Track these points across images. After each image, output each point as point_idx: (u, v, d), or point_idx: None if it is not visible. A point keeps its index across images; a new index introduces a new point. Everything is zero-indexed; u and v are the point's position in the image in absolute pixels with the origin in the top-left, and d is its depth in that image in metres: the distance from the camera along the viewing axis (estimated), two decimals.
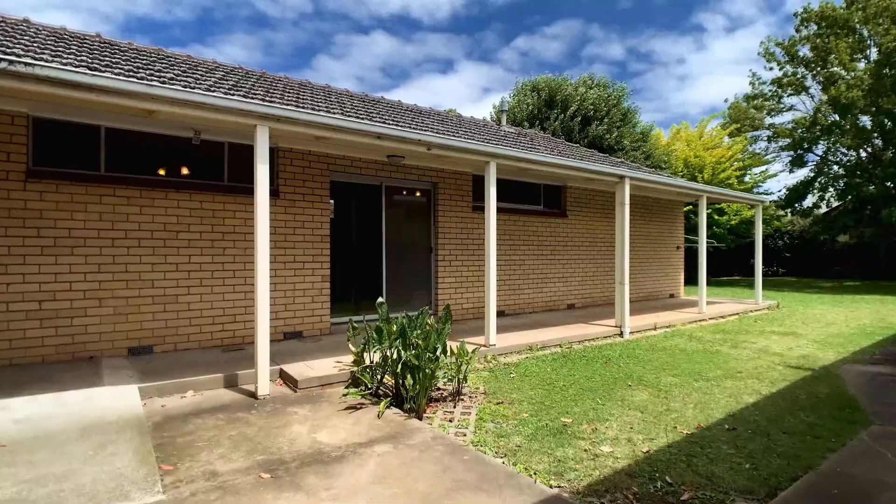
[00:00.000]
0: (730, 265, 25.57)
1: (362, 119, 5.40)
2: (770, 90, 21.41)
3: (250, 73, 8.45)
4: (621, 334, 8.18)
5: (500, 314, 9.47)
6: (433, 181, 8.61)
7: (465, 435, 3.96)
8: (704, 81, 74.18)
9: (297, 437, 3.81)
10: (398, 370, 4.60)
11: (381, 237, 8.09)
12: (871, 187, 18.88)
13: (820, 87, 19.96)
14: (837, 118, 19.82)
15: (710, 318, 10.23)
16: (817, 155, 22.62)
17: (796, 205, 22.67)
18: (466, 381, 5.12)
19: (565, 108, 20.50)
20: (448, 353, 5.00)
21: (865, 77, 17.50)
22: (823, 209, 23.68)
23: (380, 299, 5.08)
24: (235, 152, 6.72)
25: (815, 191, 22.28)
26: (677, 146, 22.86)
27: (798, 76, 20.17)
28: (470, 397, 4.96)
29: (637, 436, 3.92)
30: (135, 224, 5.97)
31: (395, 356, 4.72)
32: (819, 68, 19.77)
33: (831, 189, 22.21)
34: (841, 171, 21.47)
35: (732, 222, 20.85)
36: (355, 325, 5.12)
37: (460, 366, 4.99)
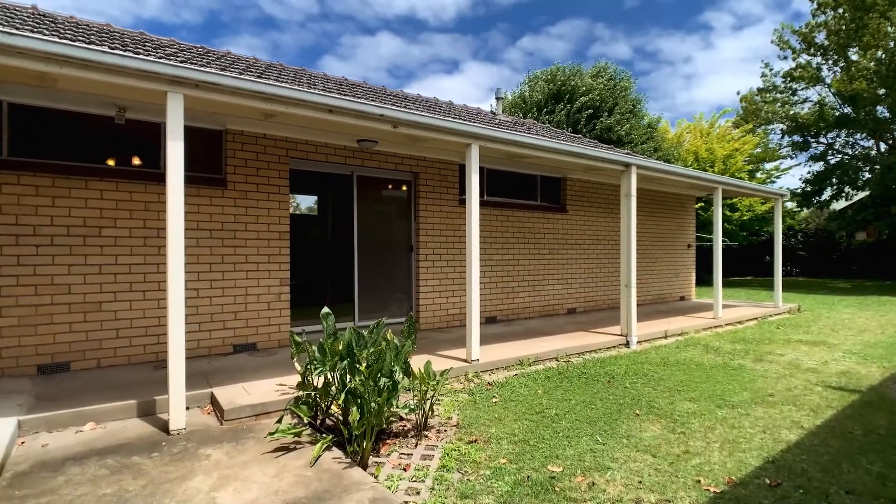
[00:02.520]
0: (742, 264, 24.39)
1: (312, 90, 4.43)
2: (783, 83, 20.22)
3: (212, 51, 7.49)
4: (627, 344, 7.16)
5: (491, 320, 8.47)
6: (414, 171, 7.61)
7: (418, 493, 2.97)
8: (711, 80, 72.91)
9: (191, 499, 2.83)
10: (342, 401, 3.61)
11: (353, 234, 7.11)
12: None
13: (838, 76, 18.78)
14: (849, 111, 18.68)
15: (727, 324, 9.18)
16: (835, 149, 21.44)
17: (815, 199, 21.44)
18: (433, 411, 4.12)
19: (572, 99, 19.45)
20: (412, 376, 4.01)
21: (881, 68, 16.38)
22: (843, 203, 22.46)
23: (325, 309, 4.09)
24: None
25: (833, 184, 21.07)
26: (687, 138, 21.74)
27: (814, 65, 18.98)
28: (438, 432, 3.97)
29: (648, 495, 2.91)
30: (46, 218, 5.01)
31: (339, 382, 3.73)
32: (837, 56, 18.61)
33: (848, 185, 21.00)
34: (859, 164, 20.29)
35: (745, 218, 19.69)
36: (297, 339, 4.14)
37: (425, 393, 4.00)
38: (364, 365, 3.69)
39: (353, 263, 7.08)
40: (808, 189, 21.50)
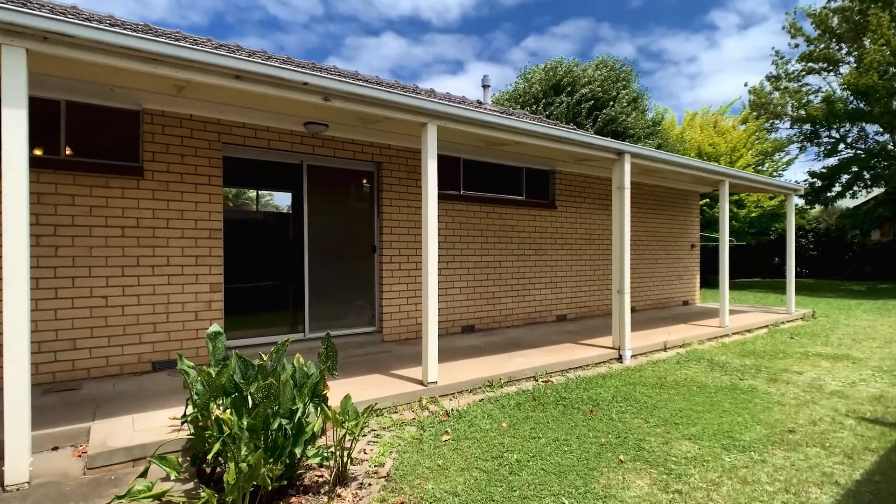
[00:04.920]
0: (749, 265, 23.31)
1: (209, 50, 3.52)
2: (800, 67, 19.08)
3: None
4: (620, 359, 6.22)
5: (468, 330, 7.55)
6: (376, 160, 6.69)
7: None
8: (716, 80, 71.73)
9: None
10: (213, 454, 2.70)
11: (303, 232, 6.19)
12: None
13: (852, 66, 17.68)
14: (863, 104, 17.58)
15: (735, 333, 8.21)
16: (846, 143, 20.32)
17: (824, 194, 20.31)
18: (350, 461, 3.19)
19: (572, 91, 18.48)
20: (324, 416, 3.08)
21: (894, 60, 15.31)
22: (855, 200, 21.34)
23: (213, 327, 3.17)
24: (78, 115, 4.87)
25: (845, 180, 19.95)
26: (689, 134, 20.69)
27: (831, 50, 17.83)
28: (360, 486, 3.06)
29: None
30: None
31: (216, 426, 2.82)
32: (851, 46, 17.50)
33: (860, 180, 19.87)
34: (874, 160, 19.19)
35: (753, 215, 18.63)
36: (186, 365, 3.21)
37: (342, 437, 3.08)
38: (259, 397, 2.78)
39: (302, 265, 6.17)
40: (818, 184, 20.41)
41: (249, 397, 2.86)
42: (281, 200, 6.51)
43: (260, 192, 6.41)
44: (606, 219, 9.47)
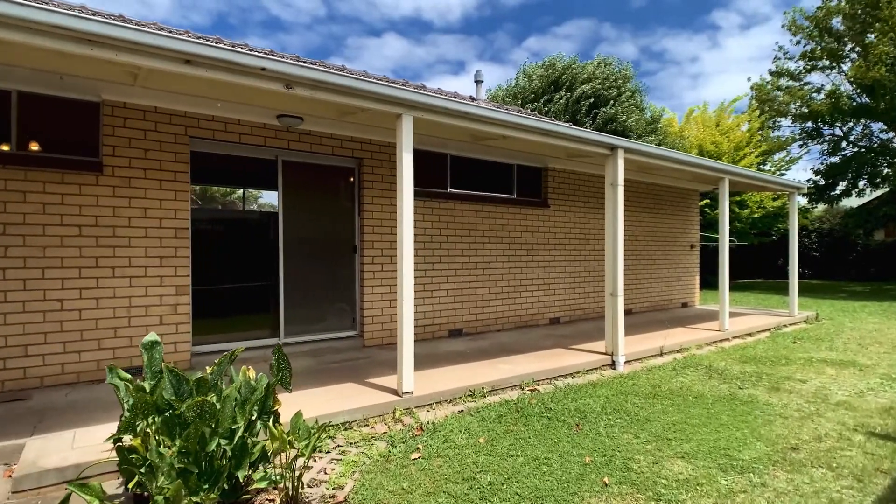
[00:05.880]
0: (751, 265, 22.93)
1: (158, 31, 3.21)
2: (803, 64, 18.70)
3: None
4: (613, 365, 5.90)
5: (455, 333, 7.23)
6: (357, 156, 6.38)
7: None
8: (719, 80, 71.30)
9: None
10: (133, 484, 2.39)
11: (278, 231, 5.87)
12: None
13: (855, 62, 17.28)
14: (867, 100, 17.20)
15: (735, 337, 7.87)
16: (850, 140, 19.94)
17: (827, 193, 19.93)
18: (302, 485, 2.87)
19: (572, 88, 18.12)
20: (271, 436, 2.76)
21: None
22: (858, 200, 20.94)
23: (150, 336, 2.86)
24: (32, 107, 4.57)
25: (848, 178, 19.57)
26: (690, 132, 20.30)
27: (832, 47, 17.44)
28: None
29: None
30: None
31: (143, 449, 2.50)
32: (853, 43, 17.11)
33: (864, 178, 19.47)
34: (878, 158, 18.80)
35: (755, 216, 18.23)
36: (119, 377, 2.90)
37: (293, 459, 2.76)
38: (192, 416, 2.46)
39: (277, 266, 5.85)
40: (822, 182, 20.02)
41: (185, 416, 2.54)
42: (255, 198, 6.20)
43: (234, 190, 6.10)
44: (602, 218, 9.12)
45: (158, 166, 5.02)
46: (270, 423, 2.77)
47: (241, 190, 6.12)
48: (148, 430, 2.53)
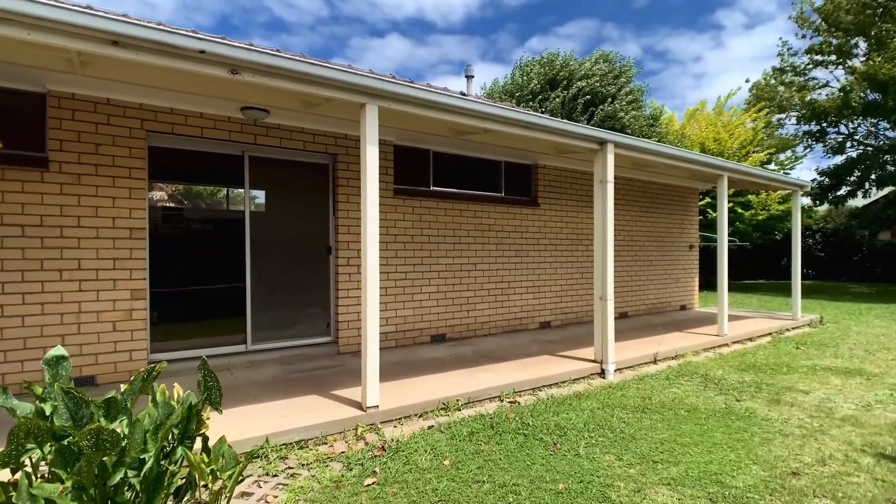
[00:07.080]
0: (753, 266, 22.46)
1: (74, 7, 2.88)
2: (807, 60, 18.24)
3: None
4: (603, 373, 5.53)
5: (438, 339, 6.87)
6: (331, 152, 6.03)
7: None
8: (722, 80, 70.67)
9: None
10: None
11: (244, 231, 5.53)
12: None
13: (866, 58, 16.80)
14: (877, 97, 16.74)
15: (734, 342, 7.49)
16: (855, 140, 19.48)
17: (832, 193, 19.46)
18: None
19: (569, 85, 17.73)
20: (191, 464, 2.42)
21: None
22: (863, 200, 20.46)
23: (56, 350, 2.50)
24: None
25: (854, 178, 19.09)
26: (690, 130, 19.86)
27: (840, 42, 16.96)
28: None
29: None
30: None
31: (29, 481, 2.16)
32: (865, 38, 16.64)
33: (870, 178, 18.99)
34: (885, 157, 18.32)
35: (759, 217, 17.77)
36: (13, 406, 2.55)
37: (217, 494, 2.41)
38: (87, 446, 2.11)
39: (243, 268, 5.51)
40: (826, 182, 19.56)
41: (78, 445, 2.19)
42: (221, 196, 5.86)
43: (196, 187, 5.76)
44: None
45: (111, 162, 4.68)
46: (192, 450, 2.43)
47: (207, 187, 5.78)
48: (29, 463, 2.18)
